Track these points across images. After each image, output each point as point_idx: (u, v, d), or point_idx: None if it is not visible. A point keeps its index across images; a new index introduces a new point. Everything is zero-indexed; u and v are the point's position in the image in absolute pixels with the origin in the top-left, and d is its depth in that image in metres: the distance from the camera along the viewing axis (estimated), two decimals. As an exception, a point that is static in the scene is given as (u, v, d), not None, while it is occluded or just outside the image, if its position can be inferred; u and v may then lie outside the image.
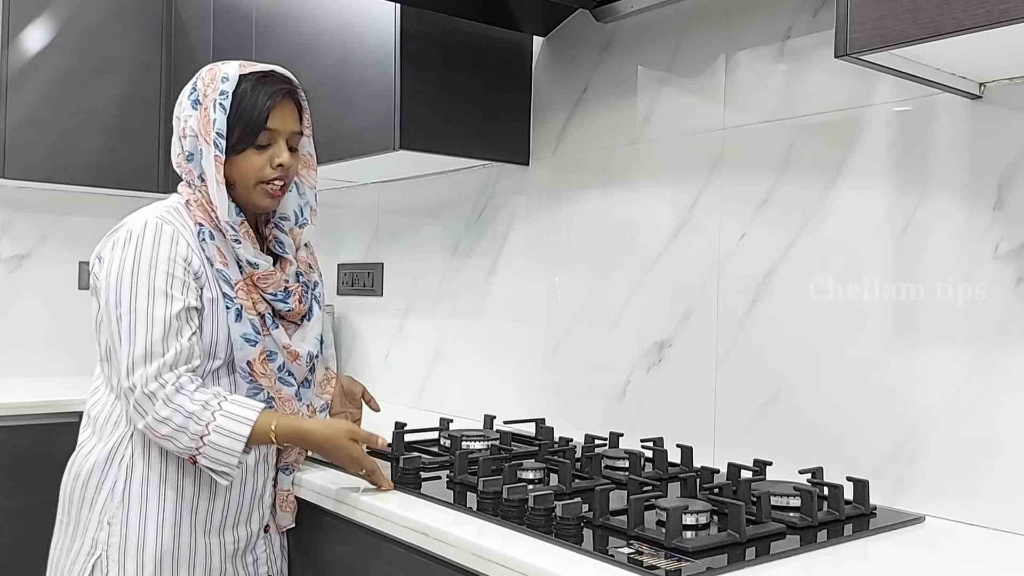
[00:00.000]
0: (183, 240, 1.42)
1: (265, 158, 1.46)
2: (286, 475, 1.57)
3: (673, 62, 1.78)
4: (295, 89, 1.51)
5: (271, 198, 1.48)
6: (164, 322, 1.36)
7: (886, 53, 1.11)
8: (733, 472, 1.46)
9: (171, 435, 1.34)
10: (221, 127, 1.42)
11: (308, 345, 1.54)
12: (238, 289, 1.45)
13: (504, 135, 2.07)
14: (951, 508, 1.34)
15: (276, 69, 1.51)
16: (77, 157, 2.78)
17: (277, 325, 1.50)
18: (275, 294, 1.49)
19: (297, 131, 1.50)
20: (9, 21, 2.66)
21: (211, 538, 1.47)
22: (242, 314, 1.44)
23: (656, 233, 1.79)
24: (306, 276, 1.58)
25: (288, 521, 1.58)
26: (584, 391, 1.94)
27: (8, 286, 2.95)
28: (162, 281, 1.38)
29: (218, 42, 2.61)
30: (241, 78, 1.45)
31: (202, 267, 1.43)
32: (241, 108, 1.44)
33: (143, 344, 1.35)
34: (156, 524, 1.41)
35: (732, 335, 1.65)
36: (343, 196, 2.72)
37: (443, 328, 2.35)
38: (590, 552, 1.11)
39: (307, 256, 1.61)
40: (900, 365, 1.40)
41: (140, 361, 1.34)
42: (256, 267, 1.46)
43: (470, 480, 1.45)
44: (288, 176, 1.49)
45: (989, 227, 1.31)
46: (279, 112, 1.46)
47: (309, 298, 1.57)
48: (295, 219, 1.56)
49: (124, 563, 1.40)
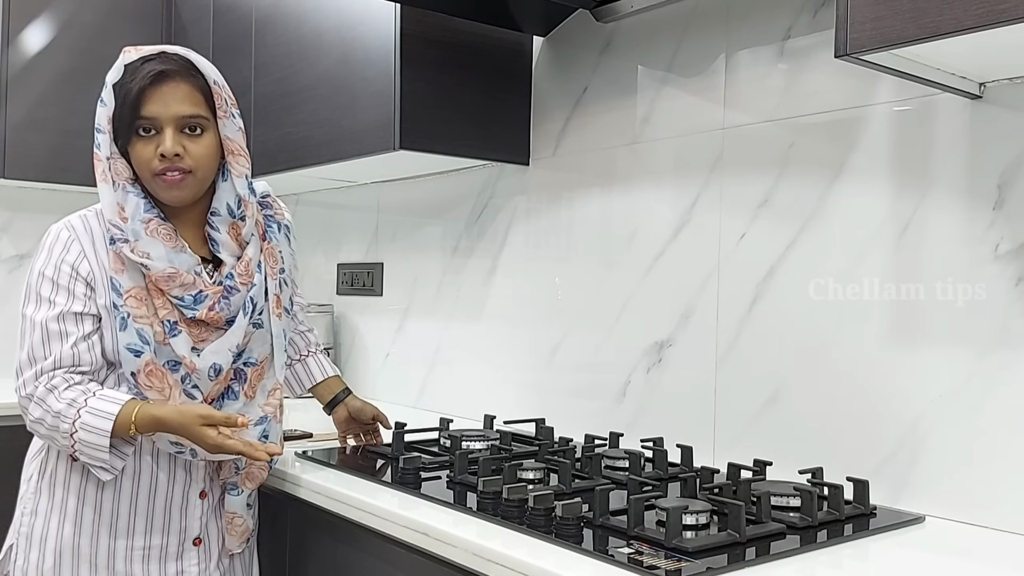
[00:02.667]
0: (75, 245, 1.39)
1: (152, 147, 1.36)
2: (232, 495, 1.48)
3: (673, 62, 1.78)
4: (182, 70, 1.37)
5: (171, 189, 1.38)
6: (42, 327, 1.36)
7: (886, 53, 1.11)
8: (733, 472, 1.46)
9: (47, 435, 1.37)
10: (99, 122, 1.38)
11: (215, 357, 1.41)
12: (128, 296, 1.37)
13: (504, 135, 2.07)
14: (951, 508, 1.34)
15: (166, 49, 1.40)
16: (77, 157, 2.77)
17: (178, 332, 1.39)
18: (182, 298, 1.39)
19: (189, 114, 1.37)
20: (9, 21, 2.66)
21: (116, 540, 1.42)
22: (127, 323, 1.36)
23: (656, 233, 1.79)
24: (241, 279, 1.44)
25: (234, 545, 1.51)
26: (584, 391, 1.94)
27: (8, 286, 2.95)
28: (46, 287, 1.38)
29: (218, 42, 2.61)
30: (125, 67, 1.38)
31: (92, 272, 1.38)
32: (121, 97, 1.36)
33: (27, 349, 1.37)
34: (59, 519, 1.42)
35: (732, 335, 1.65)
36: (343, 196, 2.72)
37: (443, 328, 2.35)
38: (590, 552, 1.11)
39: (258, 253, 1.47)
40: (900, 365, 1.40)
41: (25, 365, 1.37)
42: (148, 268, 1.37)
43: (470, 480, 1.45)
44: (189, 164, 1.37)
45: (989, 227, 1.31)
46: (157, 96, 1.35)
47: (233, 304, 1.43)
48: (229, 212, 1.44)
49: (29, 552, 1.43)
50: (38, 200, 2.98)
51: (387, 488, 1.47)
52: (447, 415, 2.11)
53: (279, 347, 1.51)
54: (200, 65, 1.41)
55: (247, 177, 1.46)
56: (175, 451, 1.42)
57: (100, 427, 1.32)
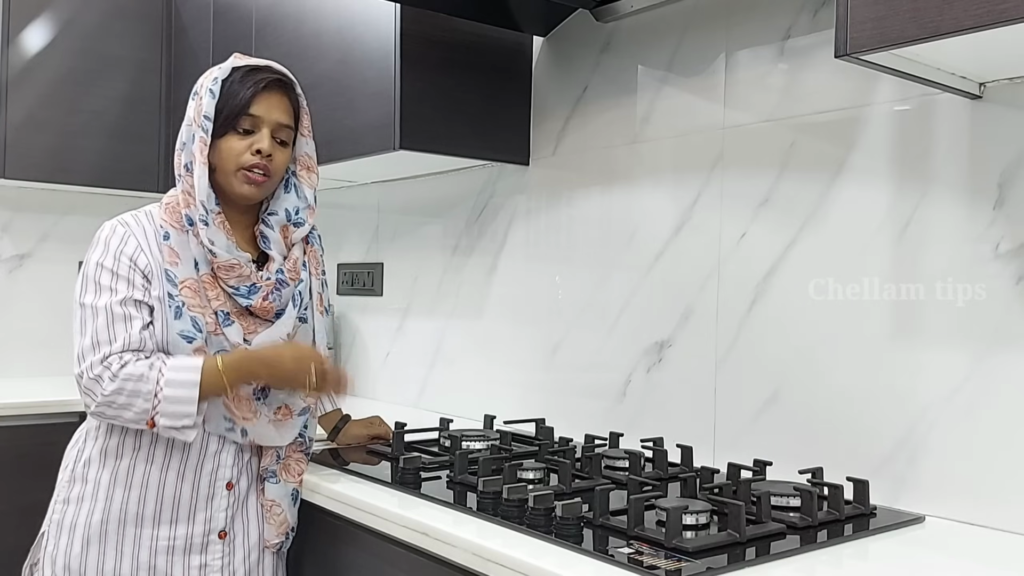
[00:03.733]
0: (132, 239, 1.44)
1: (246, 144, 1.46)
2: (273, 483, 1.52)
3: (673, 62, 1.78)
4: (287, 83, 1.51)
5: (251, 185, 1.47)
6: (106, 311, 1.39)
7: (886, 53, 1.11)
8: (733, 472, 1.46)
9: (126, 403, 1.37)
10: (209, 111, 1.44)
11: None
12: (183, 287, 1.43)
13: (504, 135, 2.07)
14: (951, 508, 1.34)
15: (272, 64, 1.52)
16: (77, 157, 2.78)
17: (232, 322, 1.45)
18: (238, 288, 1.46)
19: (284, 123, 1.49)
20: (9, 21, 2.66)
21: (142, 529, 1.44)
22: (182, 311, 1.41)
23: (656, 233, 1.79)
24: (289, 274, 1.52)
25: (272, 535, 1.52)
26: (584, 391, 1.94)
27: (8, 286, 2.95)
28: (105, 277, 1.42)
29: (218, 42, 2.61)
30: (233, 69, 1.48)
31: (150, 265, 1.43)
32: (228, 93, 1.46)
33: (90, 334, 1.39)
34: (88, 507, 1.45)
35: (732, 335, 1.65)
36: (343, 196, 2.72)
37: (443, 328, 2.35)
38: (590, 552, 1.11)
39: (302, 254, 1.57)
40: (900, 365, 1.40)
41: (88, 350, 1.39)
42: (215, 255, 1.43)
43: (470, 480, 1.45)
44: (272, 168, 1.48)
45: (989, 226, 1.31)
46: (264, 100, 1.46)
47: (284, 297, 1.51)
48: (287, 216, 1.55)
49: (59, 538, 1.46)
50: (38, 200, 2.98)
51: (387, 488, 1.47)
52: (447, 415, 2.11)
53: (321, 342, 1.58)
54: (297, 85, 1.54)
55: (315, 190, 1.60)
56: (226, 429, 1.46)
57: (188, 379, 1.37)
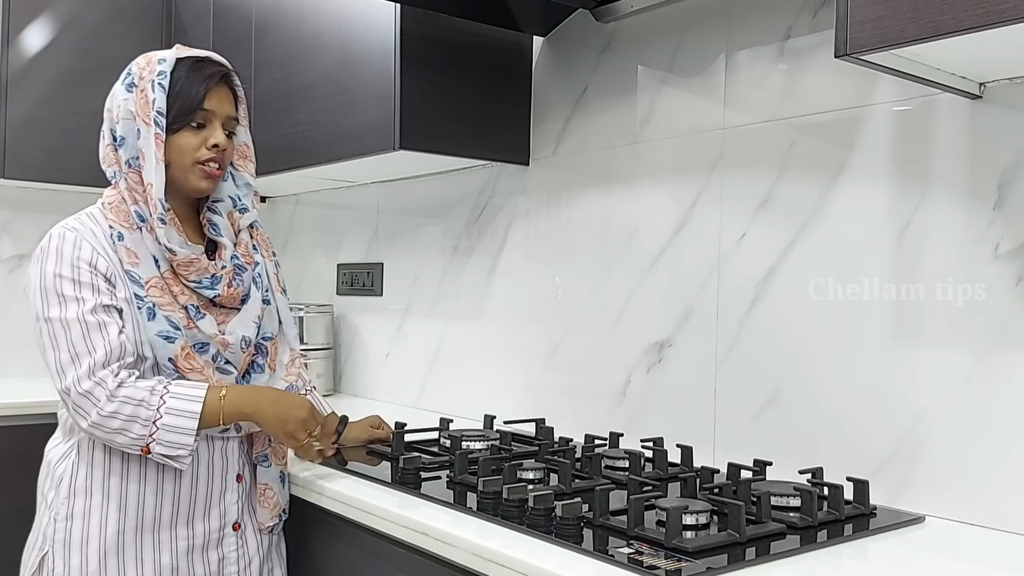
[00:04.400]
0: (86, 244, 1.40)
1: (200, 139, 1.45)
2: (264, 467, 1.53)
3: (673, 62, 1.78)
4: (231, 74, 1.51)
5: (207, 179, 1.47)
6: (80, 323, 1.36)
7: (886, 53, 1.11)
8: (733, 472, 1.46)
9: (122, 427, 1.34)
10: (161, 106, 1.42)
11: (243, 330, 1.49)
12: (149, 287, 1.41)
13: (504, 135, 2.07)
14: (951, 508, 1.34)
15: (212, 55, 1.51)
16: (77, 157, 2.78)
17: (203, 315, 1.45)
18: (200, 281, 1.45)
19: (232, 116, 1.50)
20: (9, 21, 2.66)
21: (160, 533, 1.44)
22: (155, 312, 1.40)
23: (656, 233, 1.79)
24: (244, 259, 1.53)
25: (265, 518, 1.54)
26: (584, 391, 1.94)
27: (8, 286, 2.95)
28: (68, 287, 1.37)
29: (218, 42, 2.61)
30: (178, 61, 1.46)
31: (110, 267, 1.40)
32: (178, 88, 1.44)
33: (66, 347, 1.35)
34: (100, 519, 1.41)
35: (732, 335, 1.65)
36: (343, 196, 2.72)
37: (443, 328, 2.35)
38: (590, 552, 1.11)
39: (250, 238, 1.57)
40: (900, 365, 1.40)
41: (68, 364, 1.35)
42: (174, 253, 1.42)
43: (470, 480, 1.45)
44: (224, 159, 1.49)
45: (989, 227, 1.31)
46: (215, 95, 1.46)
47: (245, 281, 1.52)
48: (232, 203, 1.54)
49: (69, 558, 1.40)
50: (38, 200, 2.98)
51: (387, 488, 1.47)
52: (447, 415, 2.11)
53: (287, 320, 1.61)
54: (236, 76, 1.54)
55: (252, 182, 1.59)
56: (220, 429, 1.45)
57: (188, 409, 1.36)
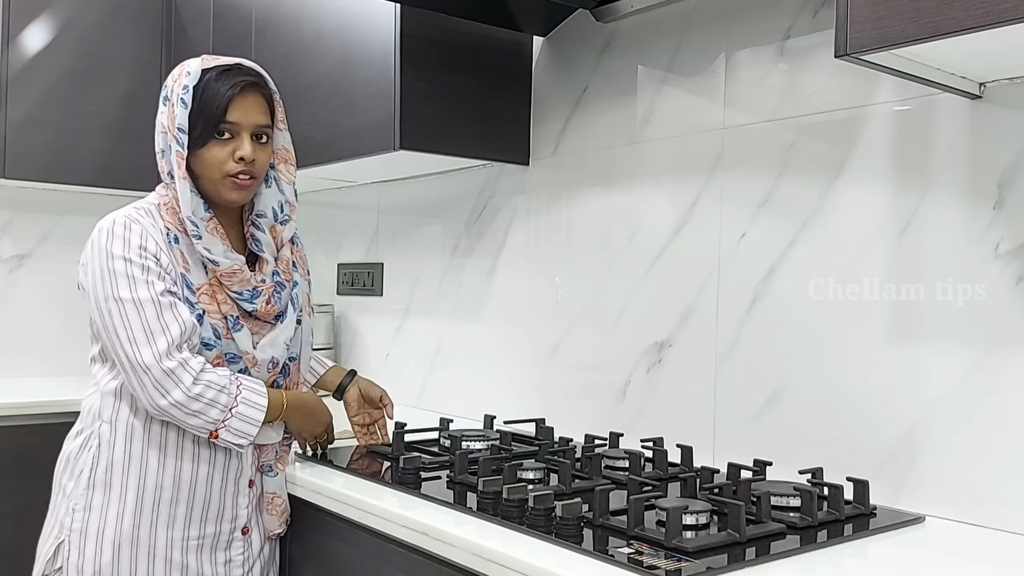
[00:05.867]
0: (151, 239, 1.43)
1: (228, 151, 1.45)
2: (270, 477, 1.55)
3: (673, 62, 1.78)
4: (260, 82, 1.50)
5: (239, 190, 1.47)
6: (153, 303, 1.38)
7: (886, 53, 1.11)
8: (733, 472, 1.46)
9: (201, 410, 1.38)
10: (182, 122, 1.43)
11: (274, 350, 1.51)
12: (200, 293, 1.44)
13: (504, 135, 2.07)
14: (951, 508, 1.34)
15: (242, 62, 1.50)
16: (77, 157, 2.78)
17: (241, 328, 1.47)
18: (241, 293, 1.47)
19: (263, 124, 1.48)
20: (9, 21, 2.66)
21: (173, 531, 1.46)
22: (204, 318, 1.43)
23: (656, 233, 1.79)
24: (284, 276, 1.55)
25: (274, 525, 1.57)
26: (584, 391, 1.94)
27: (8, 286, 2.95)
28: (138, 270, 1.40)
29: (218, 42, 2.61)
30: (204, 72, 1.45)
31: (170, 265, 1.43)
32: (202, 101, 1.44)
33: (140, 326, 1.37)
34: (117, 512, 1.44)
35: (732, 335, 1.65)
36: (343, 196, 2.72)
37: (443, 328, 2.35)
38: (590, 552, 1.11)
39: (291, 255, 1.58)
40: (900, 365, 1.40)
41: (143, 342, 1.37)
42: (217, 264, 1.44)
43: (470, 480, 1.45)
44: (256, 169, 1.47)
45: (989, 227, 1.31)
46: (240, 104, 1.45)
47: (283, 299, 1.54)
48: (274, 216, 1.55)
49: (84, 547, 1.43)
50: (38, 200, 2.98)
51: (387, 488, 1.47)
52: (447, 415, 2.11)
53: (307, 344, 1.62)
54: (269, 81, 1.53)
55: (294, 184, 1.59)
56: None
57: (258, 402, 1.44)
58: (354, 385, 1.79)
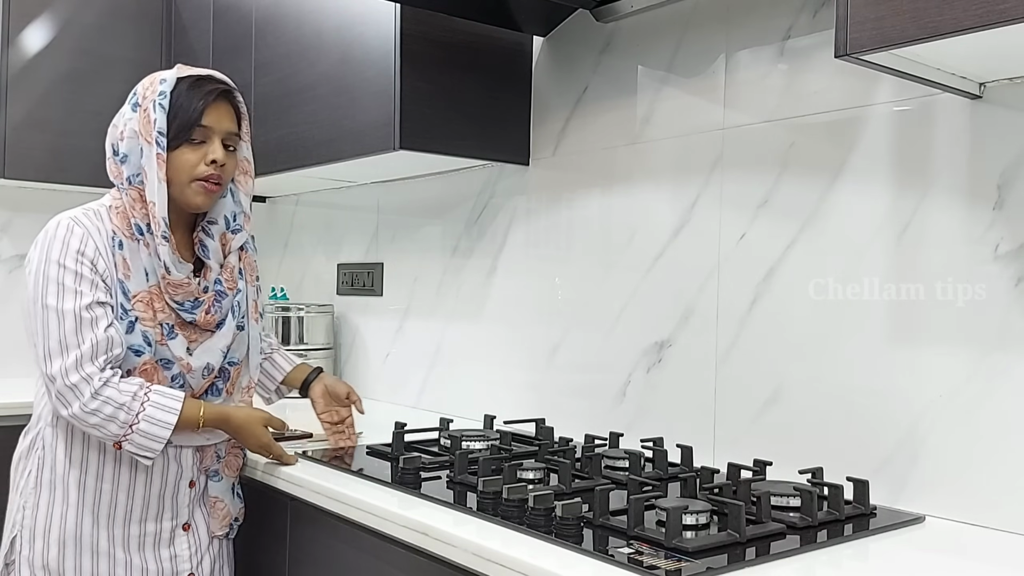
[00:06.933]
0: (91, 242, 1.45)
1: (200, 155, 1.48)
2: (214, 481, 1.60)
3: (673, 62, 1.78)
4: (231, 91, 1.54)
5: (205, 195, 1.50)
6: (74, 316, 1.41)
7: (886, 53, 1.11)
8: (733, 472, 1.46)
9: (100, 424, 1.41)
10: (162, 126, 1.46)
11: (209, 357, 1.54)
12: (136, 300, 1.46)
13: (504, 135, 2.07)
14: (951, 508, 1.34)
15: (213, 73, 1.54)
16: (77, 157, 2.78)
17: (175, 335, 1.50)
18: (182, 303, 1.50)
19: (233, 132, 1.53)
20: (9, 21, 2.66)
21: (114, 530, 1.51)
22: (135, 326, 1.46)
23: (656, 233, 1.79)
24: (227, 284, 1.57)
25: (217, 527, 1.61)
26: (584, 391, 1.94)
27: (8, 286, 2.95)
28: (70, 278, 1.43)
29: (218, 42, 2.61)
30: (178, 80, 1.49)
31: (107, 271, 1.45)
32: (177, 106, 1.47)
33: (56, 337, 1.41)
34: (61, 511, 1.49)
35: (732, 335, 1.65)
36: (343, 196, 2.72)
37: (443, 328, 2.35)
38: (590, 552, 1.11)
39: (237, 262, 1.60)
40: (900, 365, 1.40)
41: (56, 353, 1.40)
42: (169, 272, 1.47)
43: (470, 480, 1.45)
44: (224, 176, 1.51)
45: (989, 227, 1.31)
46: (214, 111, 1.49)
47: (224, 308, 1.56)
48: (226, 224, 1.57)
49: (34, 543, 1.49)
50: (38, 200, 2.97)
51: (387, 488, 1.47)
52: (447, 415, 2.11)
53: (255, 348, 1.64)
54: (239, 93, 1.56)
55: (251, 196, 1.62)
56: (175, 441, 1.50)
57: (164, 420, 1.43)
58: (319, 381, 1.80)
